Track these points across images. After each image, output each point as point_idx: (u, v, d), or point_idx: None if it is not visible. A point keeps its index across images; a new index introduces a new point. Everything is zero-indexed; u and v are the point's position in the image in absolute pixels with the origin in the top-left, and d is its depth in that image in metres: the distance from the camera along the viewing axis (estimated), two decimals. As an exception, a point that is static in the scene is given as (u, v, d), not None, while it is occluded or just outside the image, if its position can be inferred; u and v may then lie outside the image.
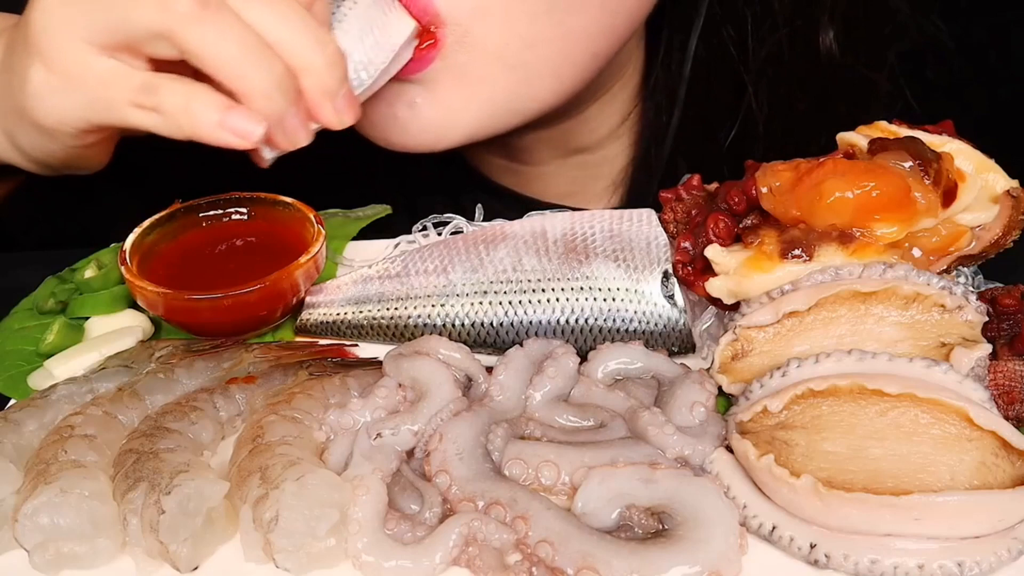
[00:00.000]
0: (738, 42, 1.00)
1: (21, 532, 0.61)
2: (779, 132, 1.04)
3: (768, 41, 1.00)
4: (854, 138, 0.76)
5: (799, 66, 1.01)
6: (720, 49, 1.00)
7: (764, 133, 1.03)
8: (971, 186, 0.71)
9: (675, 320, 0.79)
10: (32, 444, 0.68)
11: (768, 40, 1.00)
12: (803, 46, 1.00)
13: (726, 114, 1.05)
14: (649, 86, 1.06)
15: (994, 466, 0.61)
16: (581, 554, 0.59)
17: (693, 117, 1.05)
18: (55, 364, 0.78)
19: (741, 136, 1.05)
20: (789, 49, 1.00)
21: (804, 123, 1.02)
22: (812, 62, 1.01)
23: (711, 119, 1.05)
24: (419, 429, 0.68)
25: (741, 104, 1.03)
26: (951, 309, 0.68)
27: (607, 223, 0.83)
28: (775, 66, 1.01)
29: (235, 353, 0.78)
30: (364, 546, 0.60)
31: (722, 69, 1.01)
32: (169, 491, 0.61)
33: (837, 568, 0.60)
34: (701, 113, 1.05)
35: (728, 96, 1.04)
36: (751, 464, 0.63)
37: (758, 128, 1.04)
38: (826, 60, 1.00)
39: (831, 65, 1.01)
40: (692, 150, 1.06)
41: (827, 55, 1.00)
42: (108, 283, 0.86)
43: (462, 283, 0.82)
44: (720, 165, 0.84)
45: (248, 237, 0.88)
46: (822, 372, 0.66)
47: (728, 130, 1.05)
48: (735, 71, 1.01)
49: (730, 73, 1.02)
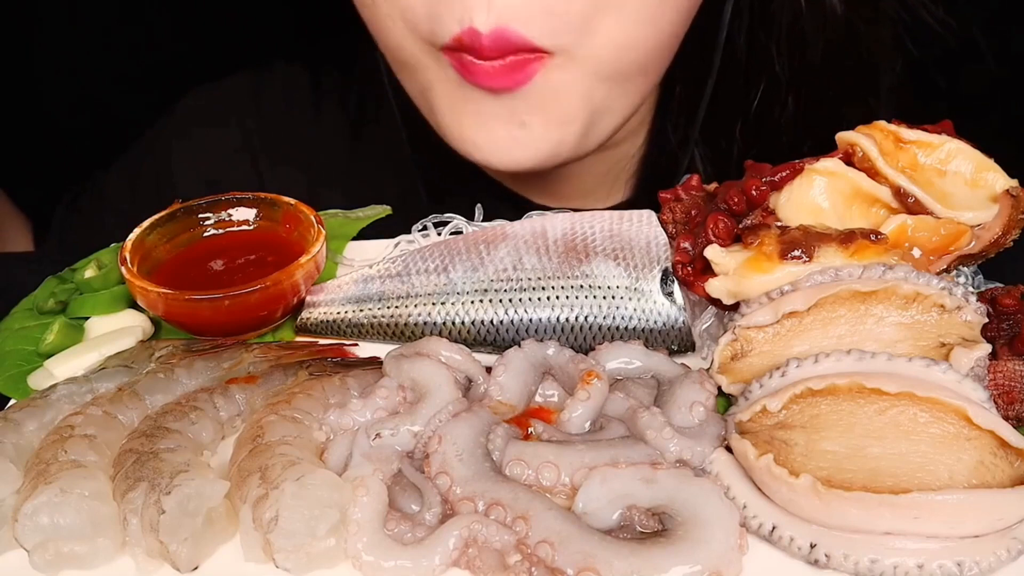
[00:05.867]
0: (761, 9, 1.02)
1: (21, 532, 0.62)
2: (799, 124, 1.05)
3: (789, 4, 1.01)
4: (854, 137, 0.76)
5: (812, 22, 1.02)
6: (737, 11, 1.01)
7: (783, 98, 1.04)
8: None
9: (675, 318, 0.79)
10: (32, 444, 0.68)
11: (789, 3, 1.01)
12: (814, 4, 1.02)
13: (745, 102, 1.06)
14: (671, 76, 1.05)
15: (993, 466, 0.61)
16: (582, 554, 0.59)
17: (713, 104, 1.05)
18: (55, 364, 0.78)
19: (759, 125, 1.06)
20: (806, 4, 1.01)
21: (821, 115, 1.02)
22: (823, 17, 1.02)
23: (731, 107, 1.06)
24: (419, 430, 0.68)
25: (751, 65, 1.04)
26: (951, 309, 0.68)
27: (607, 223, 0.83)
28: (793, 24, 1.02)
29: (235, 353, 0.78)
30: (364, 546, 0.60)
31: (738, 31, 1.02)
32: (169, 491, 0.61)
33: (837, 568, 0.60)
34: (722, 100, 1.05)
35: (745, 84, 1.04)
36: (750, 464, 0.63)
37: (776, 118, 1.05)
38: (831, 15, 1.02)
39: (835, 20, 1.02)
40: (712, 137, 1.07)
41: (831, 8, 1.02)
42: (108, 283, 0.86)
43: (462, 282, 0.82)
44: (738, 154, 0.85)
45: (248, 237, 0.88)
46: (821, 372, 0.66)
47: (745, 119, 1.06)
48: (751, 36, 1.02)
49: (746, 37, 1.03)
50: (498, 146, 0.91)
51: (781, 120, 1.05)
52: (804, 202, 0.75)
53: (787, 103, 1.04)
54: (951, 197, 0.75)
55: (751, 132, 1.06)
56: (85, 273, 0.87)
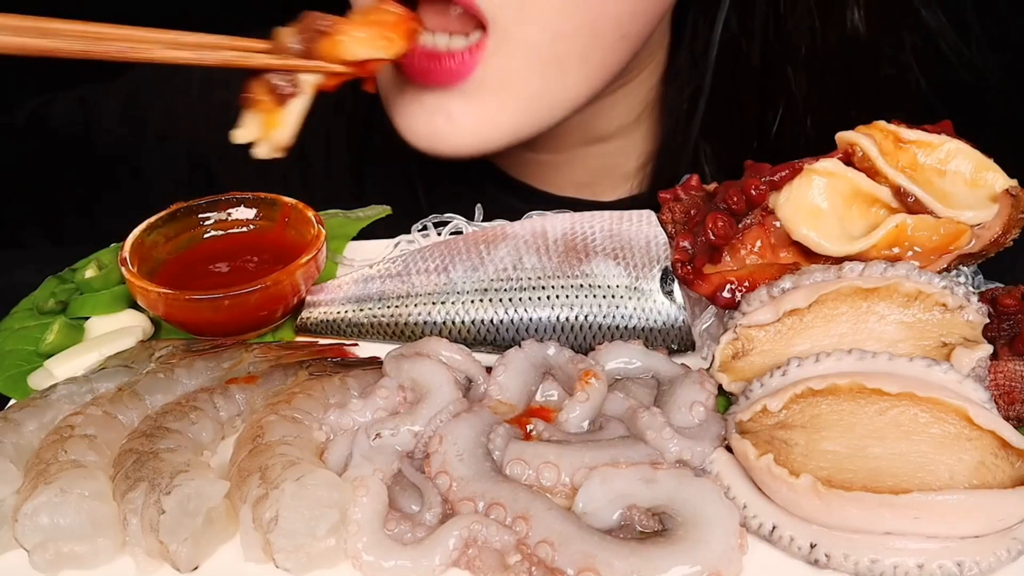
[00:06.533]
0: (772, 21, 1.00)
1: (21, 532, 0.62)
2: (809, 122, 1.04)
3: (802, 18, 0.99)
4: (854, 137, 0.76)
5: (832, 42, 1.01)
6: (748, 32, 1.00)
7: (800, 118, 1.03)
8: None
9: (675, 317, 0.79)
10: (32, 444, 0.68)
11: (802, 17, 0.99)
12: (834, 22, 1.00)
13: (752, 95, 1.04)
14: (673, 72, 1.05)
15: (993, 466, 0.61)
16: (582, 554, 0.59)
17: (718, 104, 1.04)
18: (55, 364, 0.78)
19: (777, 143, 1.05)
20: (822, 25, 1.00)
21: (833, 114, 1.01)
22: (843, 38, 1.00)
23: (735, 100, 1.05)
24: (419, 430, 0.68)
25: (766, 84, 1.03)
26: (952, 309, 0.68)
27: (607, 223, 0.84)
28: (810, 43, 1.00)
29: (235, 353, 0.78)
30: (364, 546, 0.60)
31: (750, 49, 1.01)
32: (169, 491, 0.61)
33: (837, 568, 0.60)
34: (726, 95, 1.04)
35: (754, 77, 1.03)
36: (751, 464, 0.63)
37: (788, 114, 1.04)
38: (852, 37, 1.00)
39: (858, 44, 1.00)
40: (716, 137, 1.05)
41: (853, 30, 1.00)
42: (108, 283, 0.86)
43: (462, 281, 0.82)
44: (743, 154, 0.84)
45: (248, 237, 0.88)
46: (822, 371, 0.66)
47: (755, 117, 1.05)
48: (764, 53, 1.01)
49: (758, 53, 1.01)
50: (442, 139, 0.90)
51: (800, 140, 1.03)
52: (803, 202, 0.75)
53: (806, 124, 1.03)
54: (951, 197, 0.75)
55: (770, 149, 1.05)
56: (85, 273, 0.87)
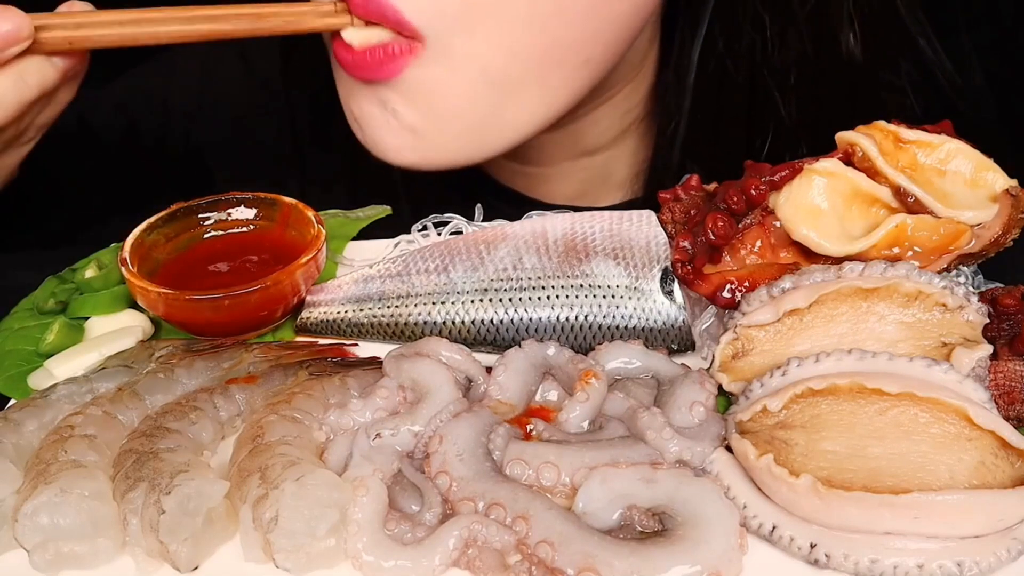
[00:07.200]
0: (759, 44, 0.97)
1: (21, 532, 0.62)
2: (803, 135, 1.01)
3: (792, 42, 0.97)
4: (854, 137, 0.76)
5: (824, 67, 0.98)
6: (735, 51, 0.98)
7: (793, 143, 1.00)
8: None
9: (675, 317, 0.79)
10: (32, 444, 0.68)
11: (792, 41, 0.97)
12: (826, 47, 0.97)
13: (739, 117, 1.03)
14: (661, 88, 1.04)
15: (993, 466, 0.61)
16: (582, 554, 0.59)
17: (703, 120, 1.02)
18: (55, 364, 0.78)
19: (758, 148, 1.03)
20: (814, 50, 0.97)
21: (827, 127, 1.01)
22: (837, 64, 0.98)
23: (721, 122, 1.04)
24: (419, 430, 0.68)
25: (755, 107, 1.01)
26: (952, 309, 0.68)
27: (607, 223, 0.84)
28: (801, 68, 0.98)
29: (235, 353, 0.78)
30: (364, 546, 0.60)
31: (736, 71, 0.99)
32: (169, 491, 0.61)
33: (837, 568, 0.60)
34: (711, 116, 1.02)
35: (741, 99, 1.02)
36: (751, 464, 0.63)
37: (775, 130, 1.02)
38: (848, 61, 0.98)
39: (853, 67, 0.98)
40: (702, 153, 1.04)
41: (848, 56, 0.97)
42: (108, 283, 0.86)
43: (462, 281, 0.82)
44: (731, 167, 0.83)
45: (248, 237, 0.88)
46: (822, 371, 0.66)
47: (742, 133, 1.04)
48: (752, 73, 0.99)
49: (746, 76, 0.99)
50: (377, 134, 0.88)
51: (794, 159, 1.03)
52: (803, 202, 0.75)
53: (800, 149, 0.99)
54: (951, 197, 0.75)
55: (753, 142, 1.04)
56: (85, 273, 0.87)
